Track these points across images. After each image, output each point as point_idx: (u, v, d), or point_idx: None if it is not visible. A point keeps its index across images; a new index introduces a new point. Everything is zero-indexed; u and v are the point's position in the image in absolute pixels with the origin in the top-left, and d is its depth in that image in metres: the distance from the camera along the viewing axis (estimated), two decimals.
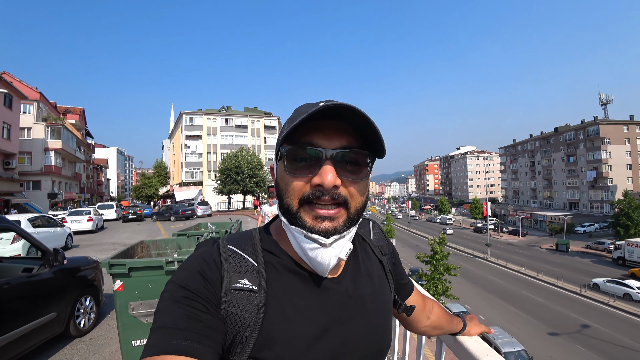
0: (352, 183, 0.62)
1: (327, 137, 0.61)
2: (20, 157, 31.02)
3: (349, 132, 0.63)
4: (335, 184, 0.59)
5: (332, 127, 0.61)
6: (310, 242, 0.60)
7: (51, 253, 4.11)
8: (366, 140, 0.64)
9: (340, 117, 0.60)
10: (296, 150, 0.61)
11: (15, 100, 29.30)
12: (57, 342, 4.26)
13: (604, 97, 62.21)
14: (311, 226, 0.60)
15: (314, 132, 0.61)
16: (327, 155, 0.60)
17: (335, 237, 0.61)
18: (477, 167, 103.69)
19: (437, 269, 21.55)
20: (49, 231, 11.82)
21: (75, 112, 49.74)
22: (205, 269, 0.61)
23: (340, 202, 0.61)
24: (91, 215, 18.50)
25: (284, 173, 0.63)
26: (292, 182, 0.61)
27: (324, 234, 0.60)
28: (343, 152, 0.61)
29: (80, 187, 45.88)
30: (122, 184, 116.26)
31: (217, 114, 56.57)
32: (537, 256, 39.44)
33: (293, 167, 0.61)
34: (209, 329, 0.55)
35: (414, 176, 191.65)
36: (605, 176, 53.64)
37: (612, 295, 23.90)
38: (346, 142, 0.62)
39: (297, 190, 0.61)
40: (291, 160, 0.62)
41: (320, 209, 0.60)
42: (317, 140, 0.61)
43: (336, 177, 0.59)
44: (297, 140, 0.61)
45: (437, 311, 1.06)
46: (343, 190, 0.61)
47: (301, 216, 0.61)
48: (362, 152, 0.63)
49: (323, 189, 0.59)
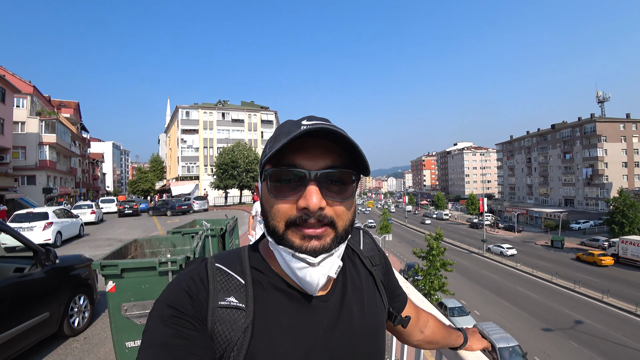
0: (337, 203, 0.61)
1: (311, 157, 0.60)
2: (14, 152, 30.70)
3: (333, 150, 0.61)
4: (321, 206, 0.58)
5: (316, 147, 0.60)
6: (298, 262, 0.59)
7: (43, 252, 4.05)
8: (351, 156, 0.62)
9: (322, 136, 0.59)
10: (279, 172, 0.60)
11: (9, 94, 28.88)
12: (51, 342, 4.23)
13: (600, 95, 62.18)
14: (299, 246, 0.59)
15: (297, 153, 0.59)
16: (311, 177, 0.58)
17: (323, 256, 0.60)
18: (473, 163, 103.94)
19: (434, 265, 21.70)
20: (68, 221, 13.80)
21: (70, 106, 49.16)
22: (192, 287, 0.60)
23: (326, 223, 0.60)
24: (94, 208, 21.11)
25: (268, 195, 0.61)
26: (276, 204, 0.60)
27: (311, 253, 0.59)
28: (327, 172, 0.59)
29: (76, 182, 45.54)
30: (118, 179, 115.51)
31: (213, 108, 56.17)
32: (532, 252, 39.78)
33: (277, 189, 0.60)
34: (196, 347, 0.54)
35: (410, 171, 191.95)
36: (600, 174, 53.92)
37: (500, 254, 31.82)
38: (330, 162, 0.60)
39: (282, 213, 0.60)
40: (275, 182, 0.60)
41: (307, 228, 0.59)
42: (300, 161, 0.59)
43: (321, 198, 0.58)
44: (280, 162, 0.60)
45: (432, 325, 1.02)
46: (329, 211, 0.60)
47: (288, 237, 0.60)
48: (346, 172, 0.61)
49: (309, 212, 0.58)
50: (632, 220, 36.72)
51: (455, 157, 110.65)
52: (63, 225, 13.21)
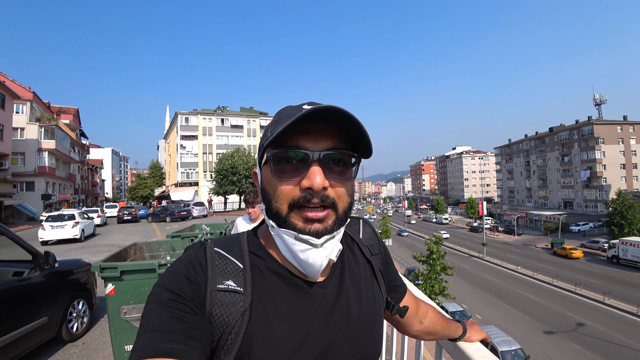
0: (339, 184, 0.62)
1: (313, 139, 0.61)
2: (14, 158, 30.69)
3: (335, 133, 0.63)
4: (324, 186, 0.59)
5: (318, 129, 0.61)
6: (301, 244, 0.60)
7: (42, 256, 4.02)
8: (351, 140, 0.64)
9: (325, 119, 0.60)
10: (283, 154, 0.61)
11: (8, 100, 28.98)
12: (50, 347, 4.18)
13: (598, 98, 62.78)
14: (301, 228, 0.60)
15: (299, 135, 0.60)
16: (314, 158, 0.59)
17: (326, 237, 0.61)
18: (472, 167, 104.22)
19: (434, 269, 21.61)
20: (88, 221, 16.58)
21: (69, 112, 49.28)
22: (191, 270, 0.60)
23: (328, 204, 0.61)
24: (99, 213, 24.47)
25: (270, 177, 0.62)
26: (280, 186, 0.61)
27: (314, 234, 0.59)
28: (330, 153, 0.61)
29: (75, 188, 45.45)
30: (117, 185, 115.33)
31: (212, 114, 56.38)
32: (533, 255, 39.74)
33: (280, 171, 0.61)
34: (194, 330, 0.54)
35: (410, 176, 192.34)
36: (599, 176, 54.15)
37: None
38: (332, 144, 0.62)
39: (286, 194, 0.60)
40: (278, 163, 0.61)
41: (310, 211, 0.60)
42: (303, 143, 0.60)
43: (324, 179, 0.59)
44: (282, 144, 0.61)
45: (432, 316, 1.02)
46: (331, 192, 0.61)
47: (291, 220, 0.60)
48: (348, 153, 0.63)
49: (312, 192, 0.59)
50: (632, 221, 36.75)
51: (454, 161, 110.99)
52: (85, 224, 16.11)
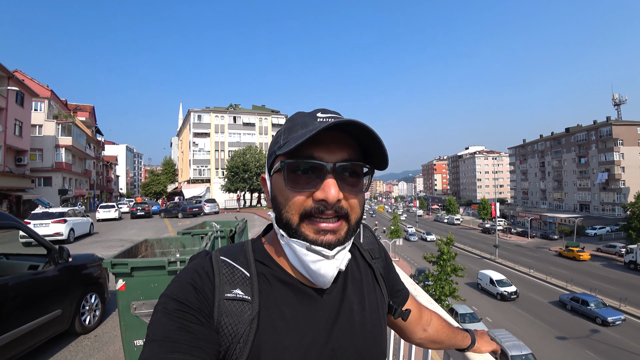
0: (352, 196, 0.62)
1: (328, 150, 0.60)
2: (32, 154, 31.58)
3: (349, 144, 0.61)
4: (339, 198, 0.59)
5: (333, 139, 0.60)
6: (313, 255, 0.60)
7: (56, 251, 4.12)
8: (365, 150, 0.63)
9: (340, 129, 0.58)
10: (297, 164, 0.59)
11: (27, 98, 29.78)
12: (63, 339, 4.30)
13: (617, 98, 60.83)
14: (313, 239, 0.59)
15: (314, 145, 0.59)
16: (329, 169, 0.58)
17: (338, 249, 0.60)
18: (485, 167, 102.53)
19: (444, 270, 21.38)
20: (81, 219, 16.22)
21: (85, 109, 50.40)
22: (197, 280, 0.60)
23: (341, 215, 0.60)
24: (116, 207, 25.75)
25: (283, 187, 0.61)
26: (292, 196, 0.60)
27: (327, 246, 0.59)
28: (344, 165, 0.60)
29: (90, 184, 46.52)
30: (131, 181, 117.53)
31: (225, 112, 56.81)
32: (546, 258, 38.95)
33: (293, 181, 0.60)
34: (200, 340, 0.54)
35: (421, 175, 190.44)
36: (617, 178, 52.56)
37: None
38: (347, 155, 0.61)
39: (298, 204, 0.60)
40: (291, 173, 0.60)
41: (322, 222, 0.59)
42: (318, 154, 0.59)
43: (339, 191, 0.58)
44: (296, 153, 0.59)
45: (436, 324, 0.99)
46: (344, 203, 0.60)
47: (302, 230, 0.60)
48: (362, 165, 0.62)
49: (326, 204, 0.58)
50: None
51: (467, 161, 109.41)
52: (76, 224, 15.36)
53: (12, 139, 27.04)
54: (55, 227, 13.75)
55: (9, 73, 25.88)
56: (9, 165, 27.19)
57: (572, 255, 37.10)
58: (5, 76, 25.59)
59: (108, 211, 24.68)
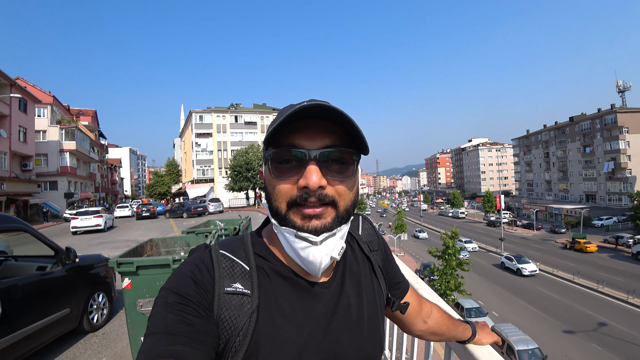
0: (338, 182, 0.62)
1: (310, 137, 0.60)
2: (37, 159, 31.96)
3: (333, 130, 0.62)
4: (321, 185, 0.59)
5: (315, 127, 0.61)
6: (301, 241, 0.60)
7: (63, 252, 4.21)
8: (350, 137, 0.63)
9: (321, 116, 0.59)
10: (280, 153, 0.61)
11: (30, 104, 30.09)
12: (72, 337, 4.40)
13: (621, 84, 59.88)
14: (300, 225, 0.60)
15: (296, 133, 0.60)
16: (311, 156, 0.59)
17: (325, 235, 0.60)
18: (489, 160, 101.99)
19: (450, 264, 21.33)
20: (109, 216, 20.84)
21: (88, 113, 50.70)
22: (197, 273, 0.61)
23: (327, 202, 0.60)
24: (129, 207, 31.89)
25: (270, 176, 0.63)
26: (278, 185, 0.61)
27: (313, 232, 0.59)
28: (327, 151, 0.60)
29: (95, 187, 46.96)
30: (135, 183, 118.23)
31: (226, 112, 56.93)
32: (552, 251, 38.73)
33: (278, 170, 0.61)
34: (200, 333, 0.54)
35: (425, 169, 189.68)
36: (623, 167, 51.91)
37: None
38: (330, 141, 0.61)
39: (284, 193, 0.61)
40: (275, 163, 0.62)
41: (307, 208, 0.60)
42: (299, 142, 0.60)
43: (321, 177, 0.59)
44: (280, 143, 0.61)
45: (436, 316, 1.00)
46: (330, 190, 0.60)
47: (290, 217, 0.60)
48: (346, 150, 0.62)
49: (309, 191, 0.59)
50: None
51: (470, 153, 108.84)
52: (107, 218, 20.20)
53: (17, 145, 27.34)
54: (96, 220, 18.59)
55: (11, 81, 26.14)
56: (15, 171, 27.52)
57: (579, 247, 36.78)
58: (8, 84, 25.87)
59: (124, 210, 31.01)
